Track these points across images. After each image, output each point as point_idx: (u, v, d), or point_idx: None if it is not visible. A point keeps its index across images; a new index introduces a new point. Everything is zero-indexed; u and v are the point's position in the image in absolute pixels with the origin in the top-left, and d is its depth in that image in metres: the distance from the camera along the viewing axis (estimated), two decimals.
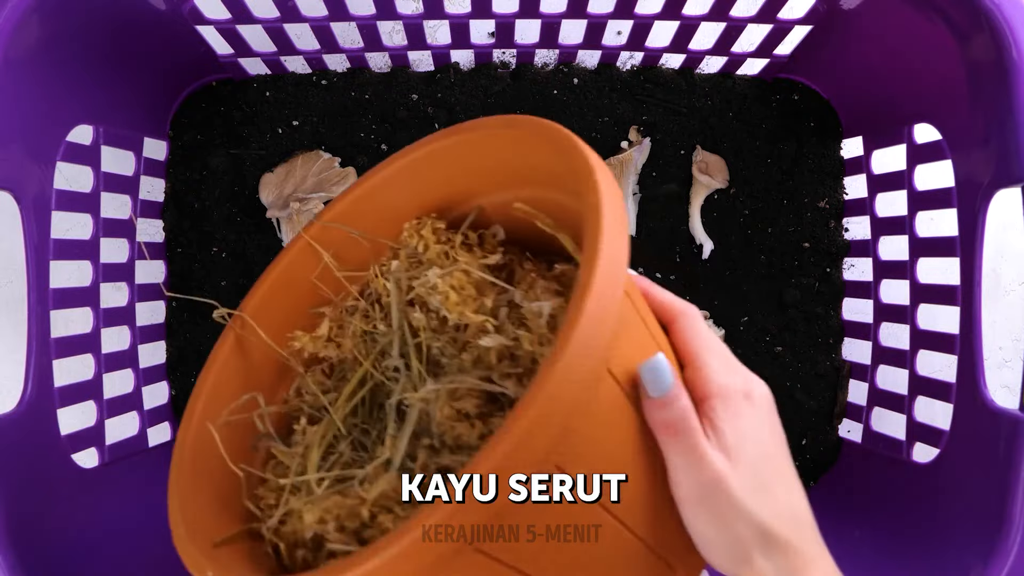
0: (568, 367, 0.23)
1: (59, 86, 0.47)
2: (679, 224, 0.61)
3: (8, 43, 0.41)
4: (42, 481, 0.44)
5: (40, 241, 0.45)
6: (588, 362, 0.24)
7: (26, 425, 0.43)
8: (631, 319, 0.29)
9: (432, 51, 0.60)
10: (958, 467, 0.46)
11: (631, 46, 0.59)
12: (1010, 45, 0.41)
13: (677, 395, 0.29)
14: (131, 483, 0.53)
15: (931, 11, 0.45)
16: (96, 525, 0.48)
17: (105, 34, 0.48)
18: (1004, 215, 0.47)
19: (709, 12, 0.54)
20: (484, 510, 0.23)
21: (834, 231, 0.61)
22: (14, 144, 0.43)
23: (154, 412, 0.57)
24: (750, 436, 0.30)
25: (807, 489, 0.60)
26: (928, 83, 0.50)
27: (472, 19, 0.55)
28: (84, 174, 0.52)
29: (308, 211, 0.58)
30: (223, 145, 0.61)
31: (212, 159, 0.60)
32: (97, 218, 0.53)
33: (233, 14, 0.53)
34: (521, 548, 0.26)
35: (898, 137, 0.54)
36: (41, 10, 0.42)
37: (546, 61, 0.62)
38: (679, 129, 0.62)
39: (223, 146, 0.61)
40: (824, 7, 0.52)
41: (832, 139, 0.62)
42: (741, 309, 0.61)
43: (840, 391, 0.61)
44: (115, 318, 0.55)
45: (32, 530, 0.41)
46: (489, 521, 0.24)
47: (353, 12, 0.53)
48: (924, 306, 0.52)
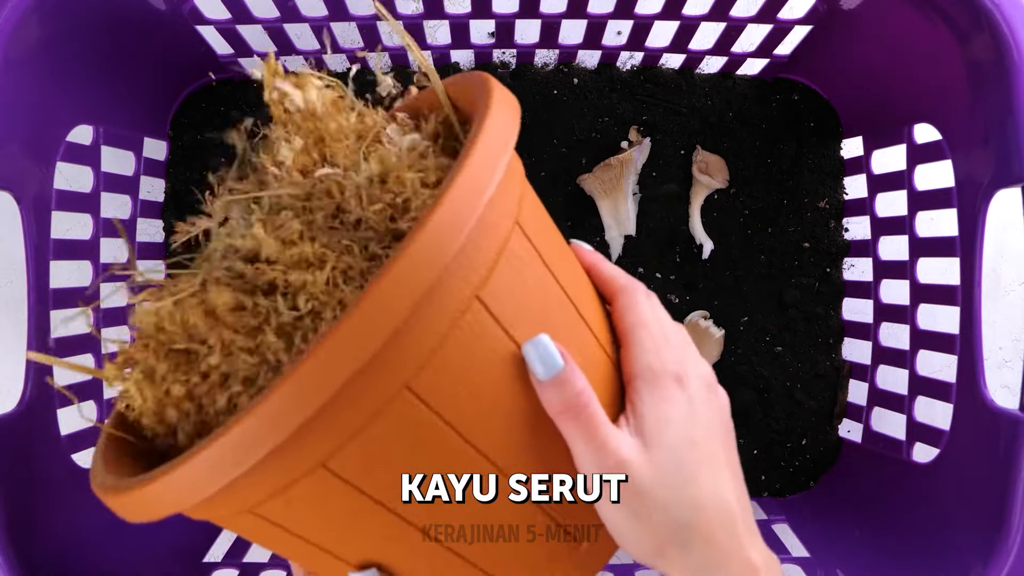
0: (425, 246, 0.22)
1: (59, 86, 0.47)
2: (679, 224, 0.61)
3: (8, 43, 0.41)
4: (42, 481, 0.44)
5: (40, 241, 0.45)
6: (447, 250, 0.22)
7: (26, 425, 0.43)
8: (529, 260, 0.27)
9: (432, 51, 0.60)
10: (958, 467, 0.46)
11: (631, 46, 0.59)
12: (1010, 45, 0.41)
13: (569, 376, 0.26)
14: None
15: (931, 11, 0.45)
16: (96, 525, 0.48)
17: (105, 34, 0.48)
18: (1004, 215, 0.47)
19: (709, 12, 0.54)
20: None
21: (834, 231, 0.61)
22: (14, 144, 0.43)
23: None
24: (674, 421, 0.28)
25: (806, 489, 0.60)
26: (928, 83, 0.50)
27: (472, 19, 0.55)
28: (84, 174, 0.52)
29: None
30: (223, 145, 0.61)
31: (212, 159, 0.60)
32: (97, 218, 0.53)
33: (233, 14, 0.53)
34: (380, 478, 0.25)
35: (898, 137, 0.54)
36: (41, 10, 0.42)
37: (546, 61, 0.62)
38: (679, 129, 0.62)
39: (223, 146, 0.61)
40: (824, 7, 0.52)
41: (832, 139, 0.62)
42: (741, 309, 0.61)
43: (840, 391, 0.61)
44: (115, 318, 0.55)
45: (32, 530, 0.41)
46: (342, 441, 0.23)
47: (353, 12, 0.53)
48: (924, 306, 0.52)
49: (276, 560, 0.52)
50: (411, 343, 0.23)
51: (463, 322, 0.24)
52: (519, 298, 0.26)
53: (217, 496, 0.23)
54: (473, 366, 0.25)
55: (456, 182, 0.23)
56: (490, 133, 0.25)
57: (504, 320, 0.25)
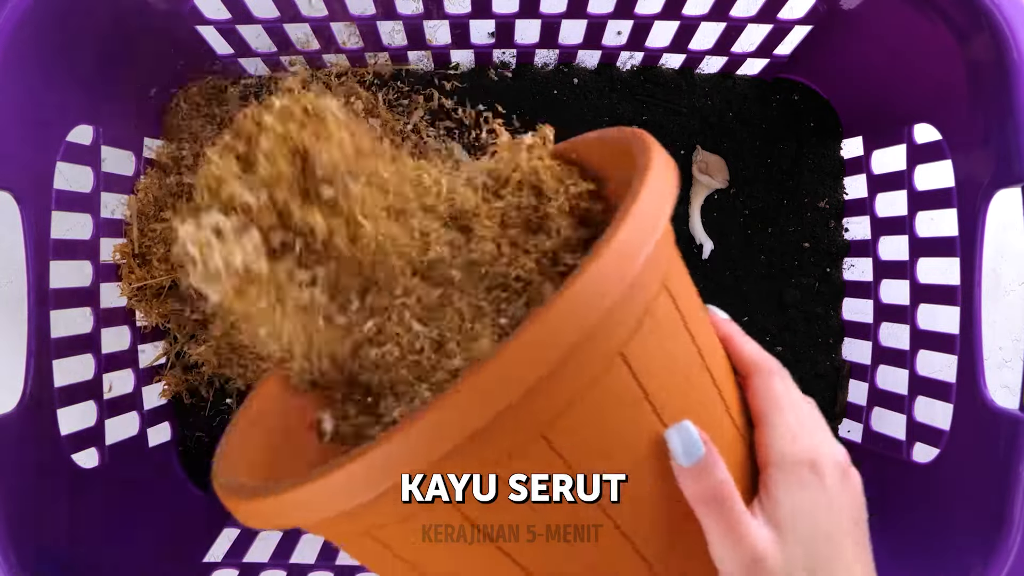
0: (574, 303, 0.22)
1: (59, 86, 0.47)
2: (679, 224, 0.61)
3: (8, 43, 0.41)
4: (42, 481, 0.44)
5: (40, 241, 0.45)
6: (602, 303, 0.22)
7: (26, 425, 0.43)
8: (673, 324, 0.27)
9: (432, 51, 0.60)
10: (958, 467, 0.46)
11: (631, 46, 0.59)
12: (1010, 45, 0.41)
13: (711, 466, 0.26)
14: (131, 483, 0.53)
15: (931, 11, 0.45)
16: (96, 525, 0.48)
17: (105, 34, 0.48)
18: (1004, 215, 0.47)
19: (709, 12, 0.54)
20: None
21: (834, 231, 0.61)
22: (14, 144, 0.43)
23: (154, 412, 0.57)
24: (807, 511, 0.28)
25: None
26: (928, 83, 0.50)
27: (472, 19, 0.55)
28: (84, 174, 0.52)
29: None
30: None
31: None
32: (97, 218, 0.53)
33: (233, 14, 0.52)
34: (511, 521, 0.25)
35: (898, 137, 0.54)
36: (41, 10, 0.42)
37: (546, 61, 0.62)
38: (679, 129, 0.62)
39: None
40: (824, 7, 0.52)
41: (832, 139, 0.62)
42: (741, 309, 0.61)
43: (840, 391, 0.61)
44: (115, 318, 0.55)
45: (32, 530, 0.41)
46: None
47: (353, 12, 0.53)
48: (924, 306, 0.52)
49: (276, 560, 0.52)
50: (553, 390, 0.23)
51: (605, 380, 0.24)
52: (662, 363, 0.26)
53: (343, 515, 0.23)
54: (609, 425, 0.25)
55: (618, 235, 0.23)
56: (652, 191, 0.25)
57: (645, 383, 0.25)
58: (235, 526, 0.56)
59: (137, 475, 0.54)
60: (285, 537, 0.54)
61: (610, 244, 0.23)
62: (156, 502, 0.55)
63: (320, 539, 0.54)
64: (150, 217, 0.56)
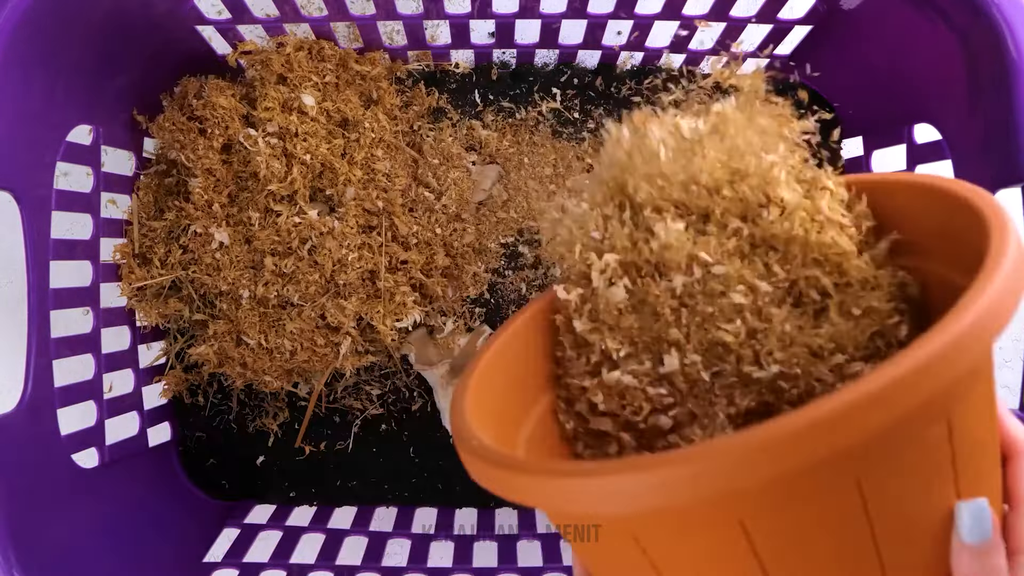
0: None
1: (59, 86, 0.47)
2: None
3: (8, 43, 0.41)
4: (42, 481, 0.44)
5: (40, 241, 0.45)
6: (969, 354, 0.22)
7: (26, 425, 0.43)
8: (987, 390, 0.26)
9: (432, 51, 0.60)
10: None
11: (631, 46, 0.59)
12: (1010, 46, 0.41)
13: (992, 549, 0.26)
14: (131, 483, 0.53)
15: (931, 11, 0.45)
16: (96, 525, 0.48)
17: (105, 34, 0.48)
18: None
19: (709, 12, 0.54)
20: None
21: None
22: (14, 144, 0.43)
23: (154, 412, 0.57)
24: None
25: None
26: (928, 83, 0.50)
27: (472, 19, 0.55)
28: (84, 174, 0.52)
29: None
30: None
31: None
32: (97, 218, 0.53)
33: (233, 14, 0.53)
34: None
35: (898, 137, 0.54)
36: (41, 10, 0.42)
37: (546, 61, 0.62)
38: None
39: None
40: (824, 7, 0.52)
41: (832, 139, 0.62)
42: None
43: None
44: (115, 318, 0.55)
45: (32, 530, 0.41)
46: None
47: (353, 12, 0.53)
48: None
49: (276, 560, 0.52)
50: (887, 437, 0.22)
51: (926, 434, 0.24)
52: (975, 433, 0.25)
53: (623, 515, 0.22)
54: (910, 481, 0.24)
55: (991, 287, 0.23)
56: (1014, 258, 0.24)
57: (957, 448, 0.25)
58: (235, 526, 0.55)
59: (137, 475, 0.54)
60: (285, 537, 0.54)
61: (985, 293, 0.23)
62: (156, 502, 0.56)
63: (320, 539, 0.54)
64: (150, 217, 0.56)
